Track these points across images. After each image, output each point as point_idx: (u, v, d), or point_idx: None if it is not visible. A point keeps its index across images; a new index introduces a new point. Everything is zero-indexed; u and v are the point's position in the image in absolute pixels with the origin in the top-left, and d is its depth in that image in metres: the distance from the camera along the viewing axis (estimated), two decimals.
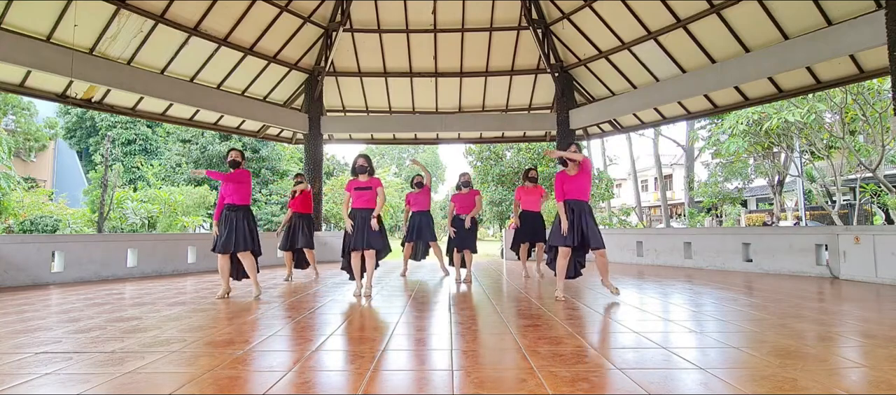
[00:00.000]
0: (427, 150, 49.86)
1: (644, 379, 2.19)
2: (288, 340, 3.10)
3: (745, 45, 8.40)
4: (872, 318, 3.68)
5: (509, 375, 2.30)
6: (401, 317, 3.83)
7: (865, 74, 7.87)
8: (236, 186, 4.84)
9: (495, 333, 3.25)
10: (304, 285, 6.04)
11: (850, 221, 17.85)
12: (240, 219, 4.79)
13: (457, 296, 5.03)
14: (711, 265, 8.08)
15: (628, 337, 3.08)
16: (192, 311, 4.12)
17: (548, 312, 3.99)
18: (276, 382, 2.20)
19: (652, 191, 36.89)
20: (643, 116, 11.12)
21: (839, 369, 2.37)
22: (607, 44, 10.21)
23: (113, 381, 2.23)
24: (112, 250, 7.35)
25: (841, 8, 7.12)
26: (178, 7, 8.66)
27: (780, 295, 4.85)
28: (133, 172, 25.55)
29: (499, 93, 12.19)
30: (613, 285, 4.78)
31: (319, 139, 11.67)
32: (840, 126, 13.70)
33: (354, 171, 4.94)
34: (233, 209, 4.82)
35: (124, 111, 9.92)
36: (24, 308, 4.35)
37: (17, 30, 7.37)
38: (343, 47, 11.30)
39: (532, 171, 6.77)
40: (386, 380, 2.25)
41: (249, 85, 10.79)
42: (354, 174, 4.96)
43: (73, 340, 3.04)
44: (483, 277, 6.96)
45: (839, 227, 6.73)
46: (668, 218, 25.72)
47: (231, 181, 4.81)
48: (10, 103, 22.23)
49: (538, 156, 18.58)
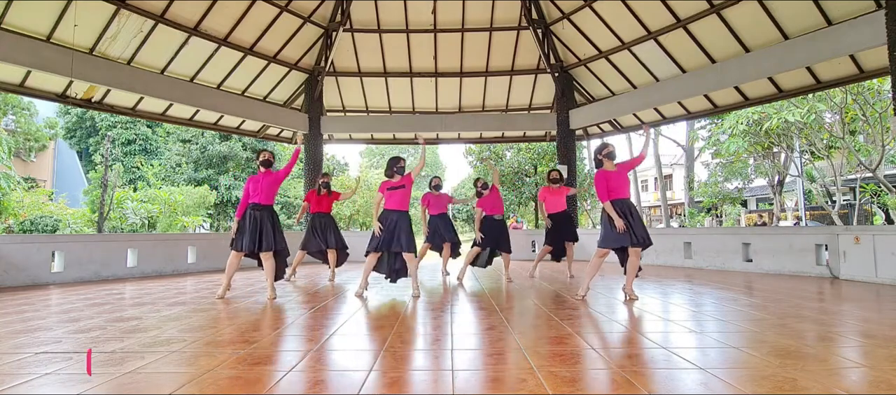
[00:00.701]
0: (427, 150, 49.90)
1: (644, 379, 2.19)
2: (289, 340, 3.10)
3: (745, 45, 8.40)
4: (872, 318, 3.68)
5: (509, 375, 2.30)
6: (402, 317, 3.83)
7: (865, 74, 7.87)
8: (268, 185, 4.87)
9: (496, 333, 3.25)
10: (307, 285, 6.04)
11: (850, 221, 17.85)
12: (265, 218, 4.81)
13: (457, 296, 5.03)
14: (711, 265, 8.08)
15: (628, 337, 3.08)
16: (192, 311, 4.12)
17: (548, 312, 4.00)
18: (277, 382, 2.20)
19: (652, 191, 36.89)
20: (643, 116, 11.11)
21: (839, 369, 2.37)
22: (607, 44, 10.21)
23: (113, 381, 2.23)
24: (112, 250, 7.35)
25: (841, 8, 7.12)
26: (178, 7, 8.65)
27: (780, 295, 4.85)
28: (133, 172, 25.55)
29: (499, 93, 12.19)
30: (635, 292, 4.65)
31: (319, 139, 11.67)
32: (840, 126, 13.70)
33: (391, 171, 4.93)
34: (258, 208, 4.83)
35: (124, 111, 9.92)
36: (24, 308, 4.35)
37: (17, 30, 7.37)
38: (343, 47, 11.30)
39: (553, 172, 6.73)
40: (386, 380, 2.25)
41: (249, 85, 10.79)
42: (389, 174, 4.95)
43: (73, 340, 3.04)
44: (483, 277, 6.96)
45: (839, 227, 6.73)
46: (668, 218, 25.72)
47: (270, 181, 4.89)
48: (10, 103, 22.21)
49: (538, 156, 18.57)
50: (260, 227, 4.76)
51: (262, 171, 4.93)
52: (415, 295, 4.85)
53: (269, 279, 4.87)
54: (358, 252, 6.30)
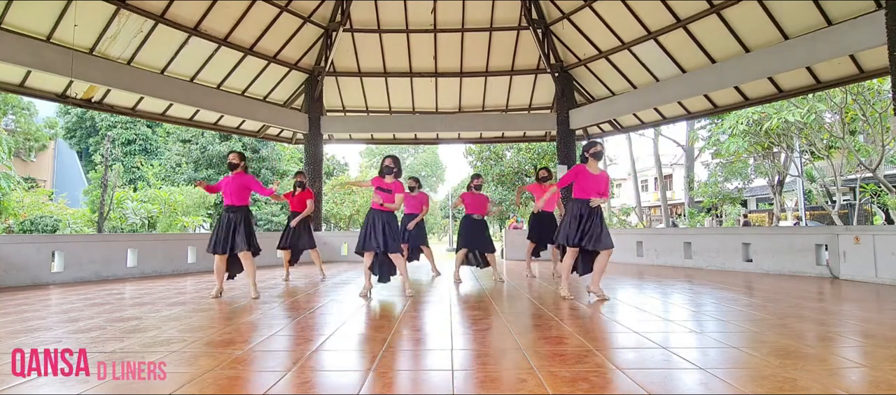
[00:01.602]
0: (427, 150, 49.85)
1: (644, 379, 2.19)
2: (288, 340, 3.10)
3: (745, 45, 8.40)
4: (872, 318, 3.68)
5: (509, 375, 2.30)
6: (401, 317, 3.83)
7: (865, 74, 7.87)
8: (238, 188, 4.86)
9: (495, 333, 3.24)
10: (306, 285, 6.04)
11: (850, 221, 17.84)
12: (238, 220, 4.81)
13: (457, 296, 5.03)
14: (711, 265, 8.08)
15: (628, 337, 3.08)
16: (192, 311, 4.12)
17: (548, 312, 3.99)
18: (277, 382, 2.20)
19: (652, 191, 36.87)
20: (643, 116, 11.12)
21: (839, 369, 2.37)
22: (607, 44, 10.21)
23: (113, 381, 2.23)
24: (112, 250, 7.35)
25: (841, 8, 7.12)
26: (178, 7, 8.66)
27: (780, 295, 4.84)
28: (133, 172, 25.55)
29: (499, 93, 12.19)
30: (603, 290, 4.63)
31: (319, 139, 11.67)
32: (840, 126, 13.69)
33: (381, 170, 4.94)
34: (232, 210, 4.83)
35: (124, 111, 9.93)
36: (23, 308, 4.35)
37: (17, 30, 7.37)
38: (343, 47, 11.30)
39: (542, 170, 6.75)
40: (386, 380, 2.24)
41: (249, 85, 10.79)
42: (381, 174, 4.95)
43: (73, 340, 3.04)
44: (483, 277, 6.96)
45: (839, 227, 6.72)
46: (669, 218, 25.72)
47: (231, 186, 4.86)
48: (10, 103, 22.23)
49: (538, 156, 18.57)
50: (232, 229, 4.76)
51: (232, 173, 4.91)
52: (409, 294, 4.89)
53: (250, 279, 4.88)
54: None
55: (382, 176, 4.91)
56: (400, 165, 4.98)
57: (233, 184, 4.87)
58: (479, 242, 6.20)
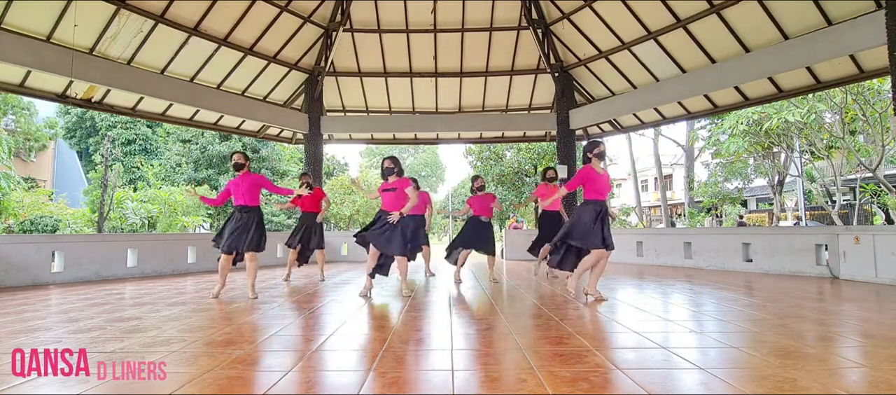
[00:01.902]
0: (427, 150, 49.86)
1: (644, 379, 2.19)
2: (288, 340, 3.10)
3: (745, 45, 8.40)
4: (872, 318, 3.68)
5: (509, 375, 2.30)
6: (401, 317, 3.83)
7: (865, 74, 7.86)
8: (248, 187, 4.85)
9: (495, 333, 3.25)
10: (305, 286, 6.04)
11: (850, 221, 17.84)
12: (252, 221, 4.80)
13: (456, 296, 5.03)
14: (711, 265, 8.08)
15: (628, 337, 3.08)
16: (192, 311, 4.12)
17: (548, 312, 3.99)
18: (277, 382, 2.20)
19: (652, 191, 36.86)
20: (643, 116, 11.12)
21: (839, 369, 2.37)
22: (607, 44, 10.21)
23: (113, 381, 2.23)
24: (112, 250, 7.35)
25: (841, 8, 7.11)
26: (178, 7, 8.65)
27: (780, 295, 4.84)
28: (133, 172, 25.54)
29: (499, 93, 12.19)
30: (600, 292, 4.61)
31: (319, 139, 11.66)
32: (840, 126, 13.68)
33: (383, 174, 4.95)
34: (245, 211, 4.83)
35: (124, 111, 9.92)
36: (23, 308, 4.35)
37: (17, 30, 7.37)
38: (343, 47, 11.30)
39: (550, 170, 6.70)
40: (386, 380, 2.24)
41: (249, 85, 10.79)
42: (384, 177, 4.95)
43: (73, 340, 3.04)
44: (483, 277, 6.96)
45: (839, 227, 6.73)
46: (669, 218, 25.72)
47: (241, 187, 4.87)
48: (10, 103, 22.22)
49: (538, 156, 18.56)
50: (245, 228, 4.76)
51: (238, 174, 4.90)
52: (405, 294, 4.90)
53: (250, 280, 4.88)
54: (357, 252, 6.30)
55: (386, 179, 4.92)
56: (400, 164, 4.97)
57: (243, 184, 4.86)
58: (481, 242, 6.20)
